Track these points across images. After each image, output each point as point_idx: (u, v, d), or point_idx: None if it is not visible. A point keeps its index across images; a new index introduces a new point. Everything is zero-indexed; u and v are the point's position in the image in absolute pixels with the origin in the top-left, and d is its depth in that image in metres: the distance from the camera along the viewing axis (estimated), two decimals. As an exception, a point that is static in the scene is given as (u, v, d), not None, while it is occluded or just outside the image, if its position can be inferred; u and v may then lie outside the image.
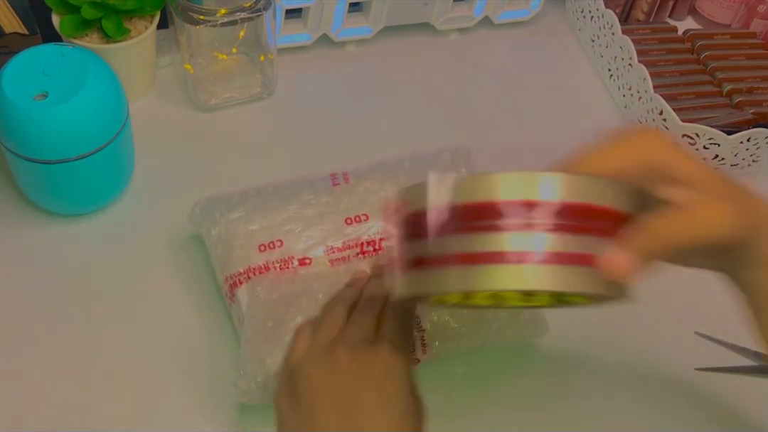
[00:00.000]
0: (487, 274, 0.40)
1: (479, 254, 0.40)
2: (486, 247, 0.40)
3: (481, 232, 0.40)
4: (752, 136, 0.74)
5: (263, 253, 0.58)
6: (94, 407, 0.57)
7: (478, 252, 0.40)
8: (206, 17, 0.69)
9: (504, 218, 0.40)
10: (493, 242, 0.40)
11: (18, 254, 0.65)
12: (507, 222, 0.40)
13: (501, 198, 0.40)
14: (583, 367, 0.63)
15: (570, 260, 0.40)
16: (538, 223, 0.40)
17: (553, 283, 0.40)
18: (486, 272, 0.40)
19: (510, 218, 0.40)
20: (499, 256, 0.40)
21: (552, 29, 0.91)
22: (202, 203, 0.63)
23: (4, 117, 0.59)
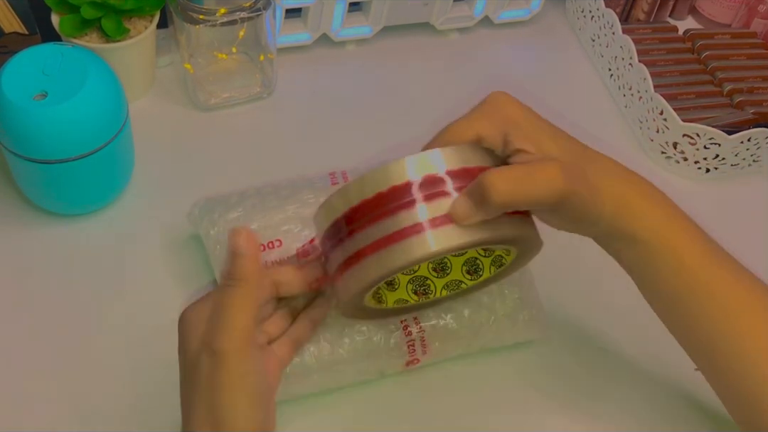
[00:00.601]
0: (392, 253, 0.45)
1: (380, 240, 0.45)
2: (384, 232, 0.45)
3: (378, 221, 0.45)
4: (753, 136, 0.74)
5: (262, 254, 0.58)
6: (93, 407, 0.57)
7: (378, 239, 0.45)
8: (206, 17, 0.69)
9: (393, 202, 0.45)
10: (391, 225, 0.45)
11: (18, 254, 0.65)
12: (397, 204, 0.45)
13: (388, 186, 0.45)
14: (581, 367, 0.63)
15: None
16: (421, 196, 0.45)
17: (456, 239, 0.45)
18: (392, 252, 0.45)
19: (398, 200, 0.45)
20: (398, 234, 0.45)
21: (552, 29, 0.91)
22: (201, 203, 0.63)
23: (3, 117, 0.58)
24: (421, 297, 0.55)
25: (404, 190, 0.45)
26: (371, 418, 0.58)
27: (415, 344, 0.57)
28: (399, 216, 0.45)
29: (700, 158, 0.76)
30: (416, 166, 0.46)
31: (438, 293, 0.55)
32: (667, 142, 0.77)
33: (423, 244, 0.45)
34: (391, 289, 0.54)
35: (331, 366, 0.56)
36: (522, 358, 0.62)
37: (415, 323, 0.57)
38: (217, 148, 0.74)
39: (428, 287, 0.55)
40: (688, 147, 0.76)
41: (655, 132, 0.77)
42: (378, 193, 0.45)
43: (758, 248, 0.73)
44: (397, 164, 0.46)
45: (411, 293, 0.54)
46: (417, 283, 0.55)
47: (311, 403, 0.58)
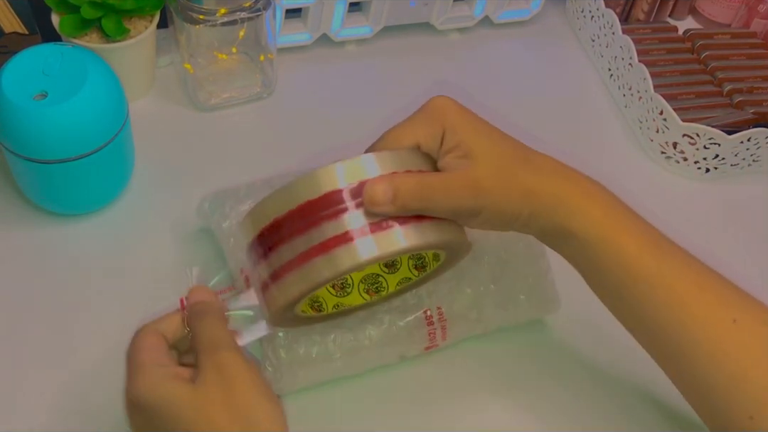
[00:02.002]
0: (319, 266, 0.44)
1: (308, 251, 0.45)
2: (310, 243, 0.45)
3: (305, 232, 0.45)
4: (752, 136, 0.74)
5: None
6: (95, 407, 0.57)
7: (305, 250, 0.45)
8: (206, 17, 0.69)
9: (321, 211, 0.45)
10: (316, 236, 0.45)
11: (18, 254, 0.65)
12: (324, 213, 0.45)
13: (316, 195, 0.45)
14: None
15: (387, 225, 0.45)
16: (352, 204, 0.45)
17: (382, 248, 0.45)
18: (318, 264, 0.45)
19: (325, 209, 0.45)
20: (323, 246, 0.44)
21: (552, 29, 0.91)
22: (210, 197, 0.63)
23: (3, 117, 0.58)
24: (374, 295, 0.55)
25: (332, 199, 0.45)
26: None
27: (435, 332, 0.59)
28: (324, 226, 0.45)
29: (700, 158, 0.76)
30: (345, 173, 0.45)
31: (391, 289, 0.55)
32: (667, 142, 0.77)
33: (350, 254, 0.44)
34: (342, 293, 0.54)
35: (353, 353, 0.57)
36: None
37: (438, 311, 0.58)
38: (217, 148, 0.74)
39: (381, 284, 0.55)
40: (688, 147, 0.76)
41: (655, 132, 0.77)
42: (307, 201, 0.45)
43: (758, 248, 0.73)
44: (326, 171, 0.45)
45: (363, 293, 0.55)
46: (369, 281, 0.55)
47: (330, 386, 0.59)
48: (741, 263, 0.70)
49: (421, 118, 0.50)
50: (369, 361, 0.59)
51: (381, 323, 0.57)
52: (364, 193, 0.45)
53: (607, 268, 0.51)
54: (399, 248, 0.46)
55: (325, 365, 0.57)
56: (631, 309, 0.52)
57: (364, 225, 0.45)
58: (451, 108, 0.50)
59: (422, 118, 0.50)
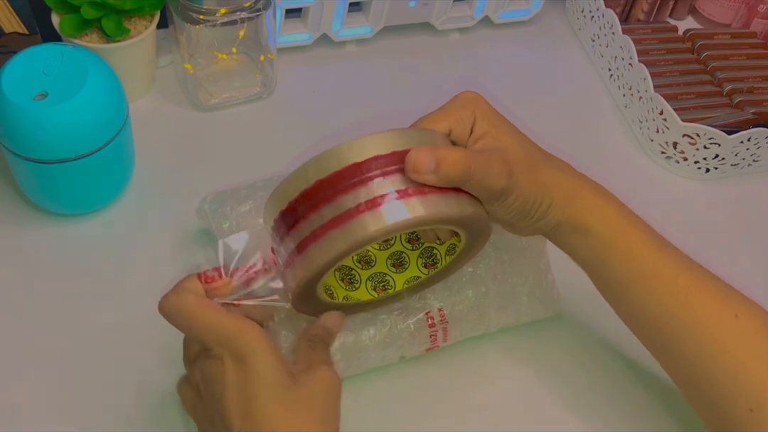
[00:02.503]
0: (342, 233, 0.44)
1: (329, 221, 0.45)
2: (336, 211, 0.45)
3: (330, 201, 0.45)
4: (752, 136, 0.74)
5: None
6: (95, 407, 0.57)
7: (327, 221, 0.45)
8: (206, 17, 0.69)
9: (350, 180, 0.45)
10: (338, 206, 0.45)
11: (18, 254, 0.65)
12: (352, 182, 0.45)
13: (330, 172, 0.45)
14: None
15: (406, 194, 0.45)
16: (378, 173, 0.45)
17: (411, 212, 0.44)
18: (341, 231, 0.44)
19: (353, 178, 0.45)
20: (345, 215, 0.44)
21: (552, 29, 0.91)
22: (210, 198, 0.63)
23: (3, 117, 0.58)
24: (381, 293, 0.55)
25: (361, 168, 0.45)
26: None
27: (437, 333, 0.59)
28: (338, 201, 0.45)
29: (700, 158, 0.76)
30: (374, 145, 0.46)
31: (398, 287, 0.55)
32: (667, 142, 0.77)
33: (360, 226, 0.44)
34: (350, 287, 0.54)
35: (354, 354, 0.57)
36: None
37: (440, 313, 0.58)
38: (217, 148, 0.74)
39: (387, 283, 0.55)
40: (688, 147, 0.76)
41: (655, 132, 0.77)
42: (318, 180, 0.45)
43: (758, 248, 0.73)
44: (355, 143, 0.46)
45: (371, 290, 0.55)
46: (377, 280, 0.55)
47: None
48: (741, 263, 0.70)
49: (452, 106, 0.52)
50: (370, 361, 0.59)
51: (383, 325, 0.57)
52: (408, 159, 0.45)
53: (616, 264, 0.53)
54: (434, 214, 0.45)
55: None
56: (634, 305, 0.54)
57: (395, 190, 0.45)
58: (482, 100, 0.52)
59: (454, 106, 0.52)
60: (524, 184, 0.50)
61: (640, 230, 0.53)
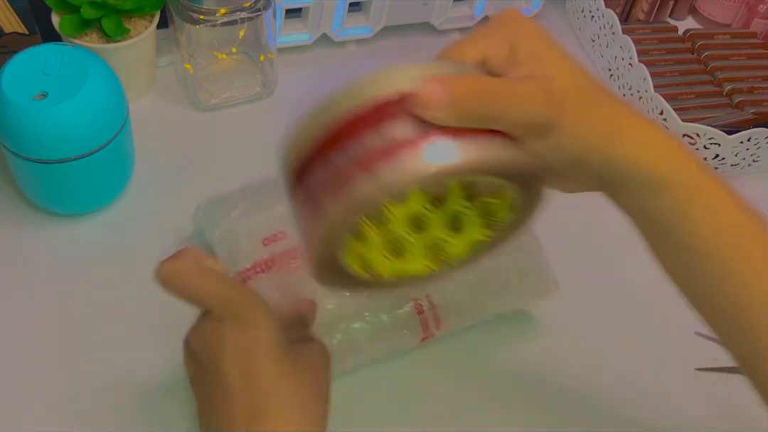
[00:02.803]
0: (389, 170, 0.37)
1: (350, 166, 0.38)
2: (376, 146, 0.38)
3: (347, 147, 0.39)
4: (752, 136, 0.74)
5: (267, 247, 0.59)
6: (95, 407, 0.57)
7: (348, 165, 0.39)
8: (206, 17, 0.69)
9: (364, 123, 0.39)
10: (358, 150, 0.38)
11: (18, 254, 0.65)
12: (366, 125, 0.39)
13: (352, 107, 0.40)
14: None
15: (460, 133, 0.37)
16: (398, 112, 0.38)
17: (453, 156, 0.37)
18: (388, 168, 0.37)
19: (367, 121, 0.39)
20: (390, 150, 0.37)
21: (552, 29, 0.89)
22: (203, 205, 0.63)
23: (3, 117, 0.58)
24: (441, 264, 0.46)
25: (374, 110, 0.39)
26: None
27: (428, 321, 0.59)
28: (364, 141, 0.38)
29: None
30: (388, 82, 0.38)
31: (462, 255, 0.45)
32: (667, 142, 0.77)
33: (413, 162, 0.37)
34: (400, 259, 0.45)
35: (347, 349, 0.57)
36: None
37: (427, 299, 0.59)
38: (217, 148, 0.74)
39: (446, 251, 0.45)
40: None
41: (655, 132, 0.77)
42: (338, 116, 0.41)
43: (758, 248, 0.73)
44: (383, 76, 0.39)
45: (426, 260, 0.45)
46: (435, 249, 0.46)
47: None
48: None
49: (488, 27, 0.42)
50: (363, 358, 0.59)
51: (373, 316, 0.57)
52: (414, 96, 0.37)
53: (698, 232, 0.43)
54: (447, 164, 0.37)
55: None
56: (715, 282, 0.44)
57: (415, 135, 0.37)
58: (524, 18, 0.42)
59: (490, 27, 0.42)
60: (576, 118, 0.40)
61: (725, 191, 0.44)
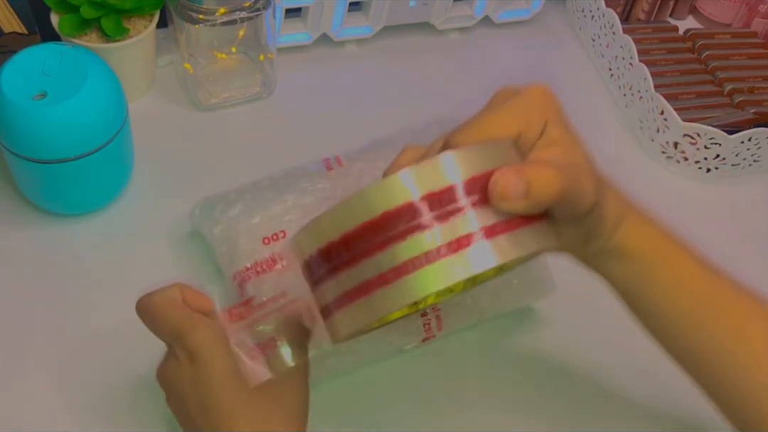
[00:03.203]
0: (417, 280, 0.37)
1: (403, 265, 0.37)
2: (406, 255, 0.37)
3: (382, 248, 0.37)
4: (753, 136, 0.74)
5: (268, 246, 0.59)
6: (94, 407, 0.57)
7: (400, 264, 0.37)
8: (206, 16, 0.69)
9: (400, 224, 0.37)
10: (412, 247, 0.37)
11: (17, 254, 0.65)
12: (405, 227, 0.37)
13: (401, 202, 0.37)
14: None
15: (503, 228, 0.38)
16: (451, 209, 0.37)
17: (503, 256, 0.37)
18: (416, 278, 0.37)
19: (418, 217, 0.37)
20: (421, 259, 0.37)
21: (552, 29, 0.91)
22: (201, 203, 0.63)
23: (3, 117, 0.58)
24: (413, 307, 0.50)
25: (412, 209, 0.37)
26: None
27: (431, 323, 0.59)
28: (412, 240, 0.37)
29: (700, 158, 0.76)
30: (425, 178, 0.37)
31: (429, 300, 0.50)
32: (668, 142, 0.77)
33: (441, 272, 0.37)
34: None
35: (348, 348, 0.57)
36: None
37: None
38: (217, 147, 0.74)
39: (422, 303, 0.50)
40: (688, 147, 0.76)
41: (656, 132, 0.77)
42: (383, 212, 0.37)
43: (759, 248, 0.73)
44: (404, 177, 0.37)
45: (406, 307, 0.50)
46: None
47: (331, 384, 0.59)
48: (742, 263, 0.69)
49: (523, 105, 0.43)
50: (364, 355, 0.59)
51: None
52: (493, 184, 0.37)
53: (663, 292, 0.47)
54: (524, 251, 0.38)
55: (320, 365, 0.57)
56: (684, 339, 0.49)
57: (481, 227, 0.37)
58: (553, 99, 0.44)
59: (525, 105, 0.43)
60: (602, 203, 0.43)
61: (690, 257, 0.48)
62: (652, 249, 0.47)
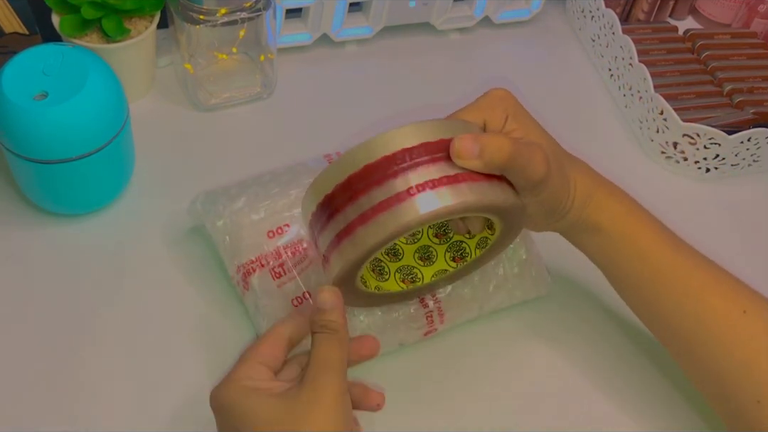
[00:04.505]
0: (392, 216, 0.45)
1: (379, 204, 0.45)
2: (386, 194, 0.45)
3: (368, 191, 0.46)
4: (753, 136, 0.74)
5: (272, 239, 0.59)
6: (94, 407, 0.57)
7: (368, 209, 0.45)
8: (206, 17, 0.69)
9: (382, 171, 0.46)
10: (388, 190, 0.45)
11: (18, 254, 0.65)
12: (386, 173, 0.45)
13: (378, 156, 0.46)
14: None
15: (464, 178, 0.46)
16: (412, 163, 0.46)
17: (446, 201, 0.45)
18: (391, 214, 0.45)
19: (387, 169, 0.45)
20: (394, 199, 0.45)
21: (552, 29, 0.91)
22: (201, 197, 0.63)
23: (3, 117, 0.58)
24: (409, 284, 0.56)
25: (395, 159, 0.46)
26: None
27: (432, 315, 0.60)
28: (388, 184, 0.45)
29: (700, 158, 0.76)
30: (421, 132, 0.46)
31: (426, 280, 0.56)
32: (667, 142, 0.77)
33: (412, 208, 0.45)
34: (380, 278, 0.55)
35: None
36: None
37: (431, 295, 0.59)
38: (217, 148, 0.74)
39: (415, 275, 0.56)
40: (688, 147, 0.76)
41: (655, 132, 0.77)
42: (366, 164, 0.46)
43: (759, 248, 0.74)
44: (389, 134, 0.46)
45: (399, 282, 0.56)
46: (405, 272, 0.56)
47: None
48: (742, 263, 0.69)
49: (485, 103, 0.52)
50: None
51: (379, 309, 0.58)
52: (453, 144, 0.46)
53: (628, 263, 0.55)
54: (482, 199, 0.46)
55: None
56: (649, 303, 0.56)
57: (443, 176, 0.46)
58: (512, 98, 0.53)
59: (487, 103, 0.52)
60: (556, 180, 0.51)
61: (653, 230, 0.55)
62: (615, 223, 0.54)
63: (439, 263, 0.56)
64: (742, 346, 0.52)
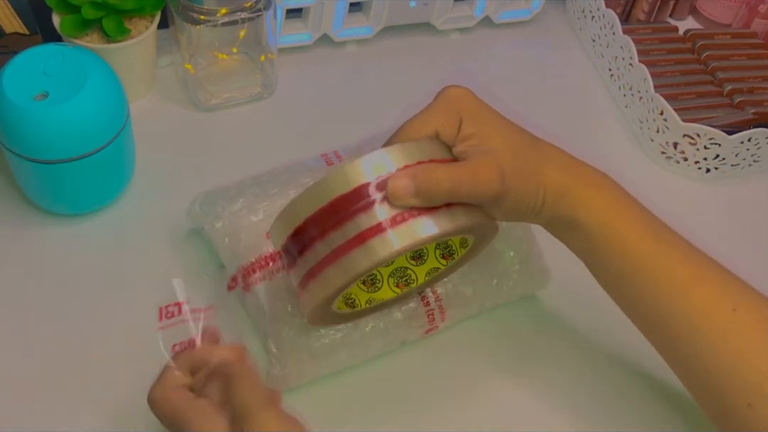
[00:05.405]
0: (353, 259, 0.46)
1: (345, 244, 0.46)
2: (346, 236, 0.46)
3: (337, 228, 0.46)
4: (753, 136, 0.74)
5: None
6: (93, 407, 0.57)
7: (343, 243, 0.46)
8: (207, 17, 0.69)
9: (349, 207, 0.46)
10: (352, 229, 0.46)
11: (18, 254, 0.65)
12: (353, 208, 0.46)
13: (340, 193, 0.46)
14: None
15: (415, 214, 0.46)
16: (379, 197, 0.46)
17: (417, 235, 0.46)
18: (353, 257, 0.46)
19: (354, 204, 0.46)
20: (359, 238, 0.46)
21: (552, 29, 0.91)
22: (200, 198, 0.63)
23: (4, 117, 0.59)
24: (404, 288, 0.56)
25: (360, 194, 0.46)
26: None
27: (434, 313, 0.60)
28: (358, 219, 0.46)
29: (700, 158, 0.76)
30: (372, 167, 0.46)
31: (420, 280, 0.56)
32: (668, 142, 0.77)
33: (384, 244, 0.45)
34: (372, 288, 0.55)
35: (356, 342, 0.58)
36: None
37: (433, 293, 0.60)
38: (217, 148, 0.74)
39: (409, 277, 0.56)
40: (688, 147, 0.76)
41: (656, 132, 0.77)
42: (332, 200, 0.46)
43: (759, 248, 0.74)
44: (353, 166, 0.46)
45: (394, 287, 0.56)
46: (398, 275, 0.56)
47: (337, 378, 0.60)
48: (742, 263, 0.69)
49: (437, 107, 0.51)
50: (371, 349, 0.59)
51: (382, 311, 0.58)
52: (387, 187, 0.46)
53: (608, 257, 0.52)
54: (430, 235, 0.46)
55: (329, 358, 0.57)
56: (631, 298, 0.53)
57: (395, 215, 0.46)
58: (467, 97, 0.51)
59: (439, 107, 0.51)
60: (517, 186, 0.49)
61: (635, 221, 0.52)
62: (592, 217, 0.51)
63: (430, 261, 0.56)
64: (732, 346, 0.49)
